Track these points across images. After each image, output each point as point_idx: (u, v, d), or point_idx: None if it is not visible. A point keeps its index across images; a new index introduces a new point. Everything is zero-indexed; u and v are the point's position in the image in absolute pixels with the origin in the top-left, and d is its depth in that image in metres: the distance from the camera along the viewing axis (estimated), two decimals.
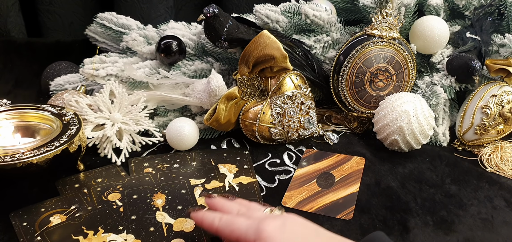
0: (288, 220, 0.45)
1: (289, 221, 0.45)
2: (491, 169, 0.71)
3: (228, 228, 0.47)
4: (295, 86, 0.74)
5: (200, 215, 0.49)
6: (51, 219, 0.54)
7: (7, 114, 0.64)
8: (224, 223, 0.47)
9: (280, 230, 0.44)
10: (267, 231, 0.44)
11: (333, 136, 0.78)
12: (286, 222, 0.45)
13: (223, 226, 0.47)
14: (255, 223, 0.45)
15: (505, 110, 0.74)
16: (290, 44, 0.78)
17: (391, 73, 0.77)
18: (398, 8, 0.78)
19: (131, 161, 0.68)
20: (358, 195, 0.63)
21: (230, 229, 0.46)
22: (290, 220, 0.46)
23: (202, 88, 0.73)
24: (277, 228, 0.44)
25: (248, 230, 0.45)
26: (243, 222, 0.46)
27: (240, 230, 0.45)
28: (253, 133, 0.73)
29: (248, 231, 0.45)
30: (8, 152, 0.55)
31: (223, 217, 0.48)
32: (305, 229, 0.45)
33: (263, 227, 0.44)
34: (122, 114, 0.70)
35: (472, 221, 0.59)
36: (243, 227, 0.45)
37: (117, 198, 0.59)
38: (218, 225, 0.47)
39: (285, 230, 0.44)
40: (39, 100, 0.84)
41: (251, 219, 0.46)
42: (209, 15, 0.71)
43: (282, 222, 0.45)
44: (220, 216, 0.48)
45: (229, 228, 0.46)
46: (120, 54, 0.81)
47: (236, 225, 0.46)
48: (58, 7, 1.00)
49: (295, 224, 0.45)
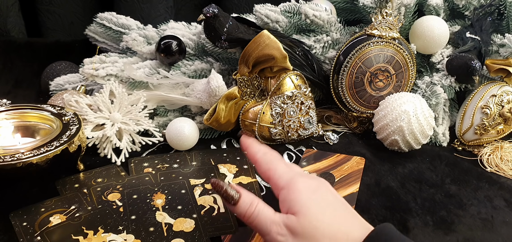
0: (322, 184, 0.46)
1: (322, 185, 0.46)
2: (491, 169, 0.71)
3: (267, 165, 0.48)
4: (295, 86, 0.74)
5: (250, 141, 0.50)
6: (51, 219, 0.54)
7: (7, 114, 0.64)
8: (266, 159, 0.48)
9: (311, 190, 0.44)
10: (299, 184, 0.45)
11: (333, 136, 0.78)
12: (320, 186, 0.46)
13: (263, 161, 0.48)
14: (291, 174, 0.46)
15: (505, 110, 0.74)
16: (290, 44, 0.78)
17: (391, 73, 0.77)
18: (398, 8, 0.78)
19: (131, 161, 0.68)
20: (358, 195, 0.63)
21: (268, 166, 0.47)
22: (324, 186, 0.46)
23: (202, 88, 0.73)
24: (309, 187, 0.45)
25: (282, 176, 0.46)
26: (283, 167, 0.47)
27: (276, 172, 0.47)
28: (253, 133, 0.73)
29: (282, 177, 0.46)
30: (8, 152, 0.55)
31: (267, 153, 0.49)
32: (334, 198, 0.46)
33: (296, 179, 0.45)
34: (122, 114, 0.70)
35: (472, 221, 0.59)
36: (279, 171, 0.46)
37: (117, 198, 0.59)
38: (260, 157, 0.48)
39: (316, 190, 0.45)
40: (39, 100, 0.84)
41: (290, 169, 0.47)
42: (209, 15, 0.71)
43: (317, 184, 0.46)
44: (265, 151, 0.49)
45: (268, 165, 0.47)
46: (120, 54, 0.81)
47: (274, 165, 0.47)
48: (58, 7, 1.00)
49: (327, 191, 0.46)
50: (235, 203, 0.46)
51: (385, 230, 0.43)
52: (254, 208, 0.45)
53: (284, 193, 0.45)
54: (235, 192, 0.46)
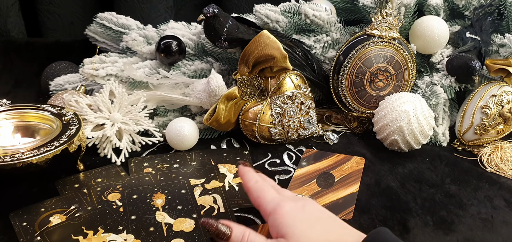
0: (307, 204, 0.48)
1: (308, 204, 0.48)
2: (491, 169, 0.71)
3: (257, 192, 0.50)
4: (295, 86, 0.74)
5: (246, 170, 0.53)
6: (51, 219, 0.54)
7: (7, 114, 0.64)
8: (256, 187, 0.51)
9: (297, 211, 0.47)
10: (285, 208, 0.47)
11: (333, 136, 0.78)
12: (306, 205, 0.48)
13: (254, 189, 0.51)
14: (277, 199, 0.48)
15: (505, 110, 0.74)
16: (290, 44, 0.78)
17: (391, 73, 0.77)
18: (398, 8, 0.78)
19: (131, 161, 0.68)
20: (358, 195, 0.63)
21: (257, 194, 0.50)
22: (310, 204, 0.48)
23: (202, 88, 0.73)
24: (294, 208, 0.47)
25: (270, 202, 0.48)
26: (271, 195, 0.50)
27: (265, 199, 0.49)
28: (253, 133, 0.73)
29: (270, 203, 0.48)
30: (8, 152, 0.55)
31: (259, 181, 0.52)
32: (321, 213, 0.48)
33: (283, 204, 0.47)
34: (122, 114, 0.70)
35: (472, 221, 0.58)
36: (268, 198, 0.49)
37: (117, 198, 0.59)
38: (251, 186, 0.51)
39: (302, 211, 0.47)
40: (39, 100, 0.84)
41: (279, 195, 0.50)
42: (209, 15, 0.71)
43: (302, 204, 0.48)
44: (257, 179, 0.52)
45: (257, 193, 0.50)
46: (120, 54, 0.81)
47: (264, 192, 0.50)
48: (58, 7, 1.00)
49: (313, 208, 0.48)
50: (227, 238, 0.47)
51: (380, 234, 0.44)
52: (246, 239, 0.47)
53: (272, 218, 0.47)
54: (226, 228, 0.48)
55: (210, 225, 0.48)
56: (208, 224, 0.48)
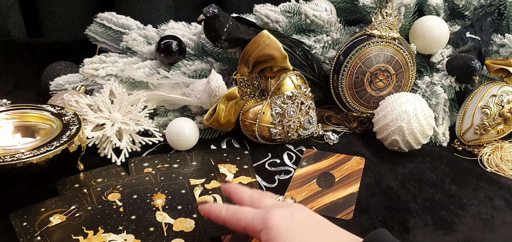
0: (296, 210, 0.45)
1: (297, 211, 0.45)
2: (491, 169, 0.71)
3: (235, 218, 0.46)
4: (295, 86, 0.74)
5: (208, 207, 0.49)
6: (51, 219, 0.54)
7: (7, 114, 0.64)
8: (231, 213, 0.47)
9: (287, 220, 0.44)
10: (274, 220, 0.43)
11: (333, 136, 0.78)
12: (294, 212, 0.45)
13: (230, 216, 0.47)
14: (262, 212, 0.45)
15: (505, 110, 0.74)
16: (290, 44, 0.78)
17: (391, 73, 0.77)
18: (398, 8, 0.78)
19: (131, 161, 0.68)
20: (358, 195, 0.63)
21: (237, 218, 0.46)
22: (298, 210, 0.45)
23: (202, 88, 0.73)
24: (284, 217, 0.44)
25: (255, 219, 0.45)
26: (250, 211, 0.46)
27: (247, 219, 0.45)
28: (253, 133, 0.73)
29: (255, 220, 0.45)
30: (8, 152, 0.55)
31: (230, 208, 0.48)
32: (312, 219, 0.45)
33: (270, 216, 0.44)
34: (122, 114, 0.70)
35: (472, 221, 0.59)
36: (249, 217, 0.45)
37: (117, 198, 0.59)
38: (225, 215, 0.47)
39: (293, 219, 0.44)
40: (39, 100, 0.84)
41: (259, 207, 0.47)
42: (209, 15, 0.71)
43: (290, 211, 0.45)
44: (227, 207, 0.48)
45: (236, 218, 0.46)
46: (120, 54, 0.81)
47: (242, 214, 0.46)
48: (58, 7, 1.00)
49: (303, 214, 0.45)
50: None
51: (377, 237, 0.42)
52: None
53: (264, 234, 0.44)
54: None
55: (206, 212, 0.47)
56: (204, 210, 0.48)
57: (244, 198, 0.50)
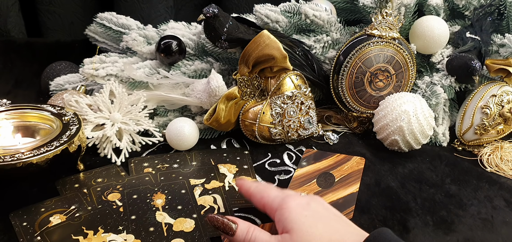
0: (313, 201, 0.49)
1: (313, 201, 0.49)
2: (491, 169, 0.71)
3: (260, 193, 0.52)
4: (295, 86, 0.74)
5: (242, 180, 0.56)
6: (51, 219, 0.54)
7: (7, 114, 0.64)
8: (258, 189, 0.53)
9: (302, 207, 0.48)
10: (290, 204, 0.48)
11: (333, 136, 0.78)
12: (311, 202, 0.49)
13: (255, 191, 0.53)
14: (282, 195, 0.50)
15: (505, 110, 0.74)
16: (290, 44, 0.78)
17: (391, 73, 0.77)
18: (398, 8, 0.78)
19: (131, 161, 0.68)
20: (358, 195, 0.63)
21: (261, 195, 0.52)
22: (315, 201, 0.49)
23: (202, 88, 0.73)
24: (300, 204, 0.48)
25: (275, 199, 0.50)
26: (274, 191, 0.51)
27: (269, 197, 0.51)
28: (253, 133, 0.73)
29: (275, 200, 0.50)
30: (8, 152, 0.55)
31: (259, 185, 0.54)
32: (326, 211, 0.49)
33: (288, 200, 0.49)
34: (122, 114, 0.70)
35: (472, 221, 0.59)
36: (271, 196, 0.51)
37: (117, 198, 0.59)
38: (253, 190, 0.53)
39: (307, 207, 0.48)
40: (39, 100, 0.84)
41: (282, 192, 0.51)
42: (209, 15, 0.71)
43: (307, 201, 0.49)
44: (256, 184, 0.54)
45: (261, 194, 0.52)
46: (120, 54, 0.81)
47: (266, 192, 0.52)
48: (58, 7, 1.00)
49: (318, 205, 0.49)
50: (233, 233, 0.49)
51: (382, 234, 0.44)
52: (251, 235, 0.48)
53: (278, 214, 0.48)
54: (232, 223, 0.49)
55: (216, 220, 0.49)
56: (214, 219, 0.49)
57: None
